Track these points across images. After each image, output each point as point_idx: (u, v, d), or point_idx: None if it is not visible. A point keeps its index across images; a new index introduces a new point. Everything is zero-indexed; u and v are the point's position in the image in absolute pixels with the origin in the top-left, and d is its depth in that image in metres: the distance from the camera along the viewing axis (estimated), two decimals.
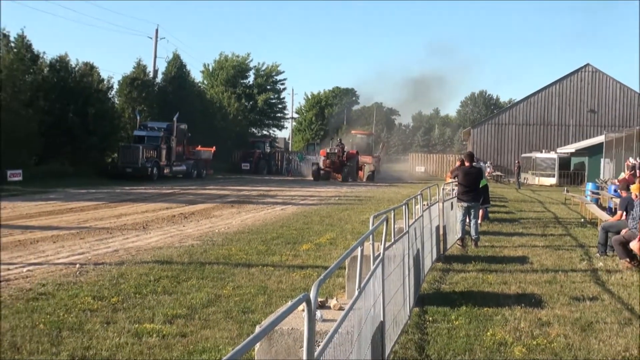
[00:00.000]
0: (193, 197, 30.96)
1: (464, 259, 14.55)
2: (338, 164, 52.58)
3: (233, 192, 35.22)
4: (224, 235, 17.54)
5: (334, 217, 22.88)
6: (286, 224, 20.33)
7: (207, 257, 13.68)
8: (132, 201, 27.94)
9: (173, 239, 16.74)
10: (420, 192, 11.99)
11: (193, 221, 21.13)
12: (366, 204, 29.57)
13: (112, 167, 44.51)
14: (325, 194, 36.39)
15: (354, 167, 53.24)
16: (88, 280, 11.17)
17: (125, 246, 15.22)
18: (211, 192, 35.34)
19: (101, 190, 33.39)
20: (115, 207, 25.02)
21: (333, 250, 15.12)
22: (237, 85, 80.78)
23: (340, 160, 52.76)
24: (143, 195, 31.08)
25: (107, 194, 31.12)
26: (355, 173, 53.35)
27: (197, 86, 68.74)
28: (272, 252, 14.59)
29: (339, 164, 52.58)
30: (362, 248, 5.71)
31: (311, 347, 3.46)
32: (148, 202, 27.60)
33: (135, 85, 53.82)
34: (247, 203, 28.78)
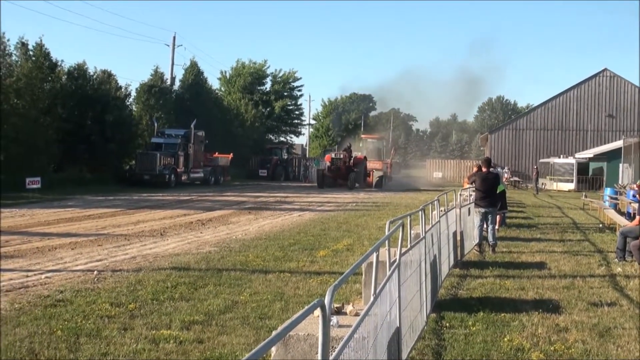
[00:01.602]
0: (210, 204, 31.03)
1: (481, 264, 14.50)
2: (344, 170, 50.32)
3: (250, 199, 35.28)
4: (241, 241, 17.57)
5: (351, 223, 22.86)
6: (303, 230, 20.33)
7: (224, 264, 13.71)
8: (149, 208, 28.05)
9: (190, 245, 16.79)
10: (437, 197, 11.97)
11: (210, 228, 21.17)
12: (383, 210, 29.53)
13: (130, 174, 44.68)
14: (343, 200, 36.38)
15: (361, 173, 51.02)
16: (106, 287, 11.23)
17: (142, 253, 15.28)
18: (228, 198, 35.41)
19: (119, 197, 33.55)
20: (133, 214, 25.13)
21: (350, 256, 15.11)
22: (254, 92, 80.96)
23: (346, 166, 50.52)
24: (160, 202, 31.20)
25: (124, 201, 31.26)
26: (362, 179, 51.17)
27: (214, 93, 68.99)
28: (289, 259, 14.60)
29: (345, 170, 50.33)
30: (378, 254, 5.71)
31: (326, 353, 3.46)
32: (165, 209, 27.70)
33: (152, 93, 54.11)
34: (264, 209, 28.81)
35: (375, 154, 58.99)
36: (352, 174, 49.78)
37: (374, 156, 57.93)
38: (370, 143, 62.24)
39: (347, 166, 50.53)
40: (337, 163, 50.40)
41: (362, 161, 52.07)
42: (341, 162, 50.30)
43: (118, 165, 47.19)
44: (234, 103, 72.25)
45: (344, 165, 50.31)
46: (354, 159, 51.71)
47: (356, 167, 50.85)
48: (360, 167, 51.05)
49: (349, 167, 50.55)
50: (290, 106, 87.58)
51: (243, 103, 73.03)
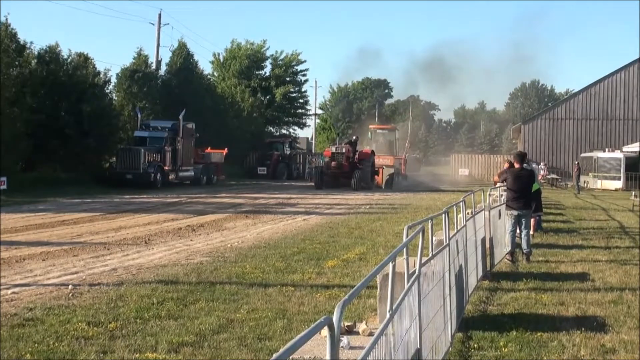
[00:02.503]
0: (202, 207, 31.08)
1: (514, 276, 14.47)
2: (347, 167, 48.22)
3: (248, 201, 35.31)
4: (238, 250, 17.58)
5: (364, 229, 22.86)
6: (309, 237, 20.34)
7: (217, 276, 13.72)
8: (132, 212, 28.10)
9: (179, 255, 16.81)
10: (462, 198, 11.94)
11: (202, 234, 21.20)
12: (401, 212, 29.52)
13: (110, 172, 44.74)
14: (354, 201, 36.38)
15: (367, 170, 48.71)
16: (82, 304, 11.24)
17: (124, 264, 15.30)
18: (223, 200, 35.46)
19: (97, 200, 33.61)
20: (114, 219, 25.17)
21: (363, 266, 15.10)
22: (252, 78, 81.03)
23: (350, 162, 48.55)
24: (145, 205, 31.25)
25: (104, 204, 31.32)
26: (369, 178, 48.90)
27: (206, 79, 69.05)
28: (293, 270, 14.60)
29: (349, 167, 48.27)
30: (395, 264, 5.69)
31: None
32: (151, 213, 27.74)
33: (135, 79, 54.19)
34: (264, 213, 28.83)
35: (386, 147, 58.06)
36: (357, 172, 47.86)
37: (385, 150, 56.99)
38: (380, 135, 61.06)
39: (351, 162, 48.74)
40: (338, 159, 48.55)
41: (369, 156, 50.23)
42: (344, 157, 48.50)
43: (96, 162, 47.27)
44: (229, 90, 72.32)
45: (347, 161, 48.45)
46: (359, 153, 50.05)
47: (362, 163, 49.06)
48: (366, 164, 49.16)
49: (353, 163, 48.79)
50: (293, 93, 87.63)
51: (239, 90, 73.09)
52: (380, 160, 52.67)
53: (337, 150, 49.06)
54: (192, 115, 50.77)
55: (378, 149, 55.87)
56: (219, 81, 77.09)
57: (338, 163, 48.38)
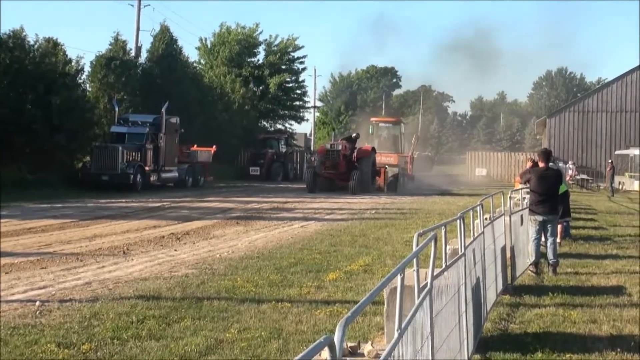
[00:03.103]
0: (187, 212, 31.07)
1: (538, 289, 14.47)
2: (343, 167, 47.52)
3: (239, 205, 35.32)
4: (227, 261, 17.58)
5: (369, 237, 22.87)
6: (307, 246, 20.34)
7: (205, 291, 13.72)
8: (109, 218, 28.09)
9: (162, 267, 16.81)
10: (480, 202, 11.94)
11: (187, 243, 21.20)
12: (411, 218, 29.54)
13: (83, 174, 44.70)
14: (358, 206, 36.38)
15: (367, 170, 47.90)
16: (51, 323, 11.23)
17: (99, 277, 15.30)
18: (211, 205, 35.47)
19: (69, 204, 33.59)
20: (87, 226, 25.16)
21: (368, 279, 15.11)
22: (243, 66, 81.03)
23: (347, 161, 47.76)
24: (123, 211, 31.24)
25: (76, 210, 31.30)
26: (370, 179, 48.12)
27: (191, 67, 69.05)
28: (289, 284, 14.60)
29: (345, 167, 47.53)
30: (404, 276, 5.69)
31: None
32: (130, 219, 27.74)
33: (112, 67, 54.15)
34: (256, 219, 28.84)
35: (390, 144, 57.33)
36: (355, 173, 46.85)
37: (388, 147, 56.24)
38: (383, 129, 60.22)
39: (349, 161, 48.03)
40: (333, 157, 47.84)
41: (370, 154, 49.25)
42: (339, 155, 47.73)
43: (68, 162, 47.22)
44: (217, 80, 72.36)
45: (343, 160, 47.73)
46: (358, 151, 49.19)
47: (361, 162, 48.30)
48: (366, 163, 48.42)
49: (350, 162, 48.09)
50: (289, 83, 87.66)
51: (229, 80, 73.12)
52: (383, 158, 51.81)
53: (332, 148, 48.61)
54: (176, 109, 50.72)
55: (381, 145, 55.40)
56: (206, 70, 77.10)
57: (333, 162, 47.77)
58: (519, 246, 15.80)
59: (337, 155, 47.77)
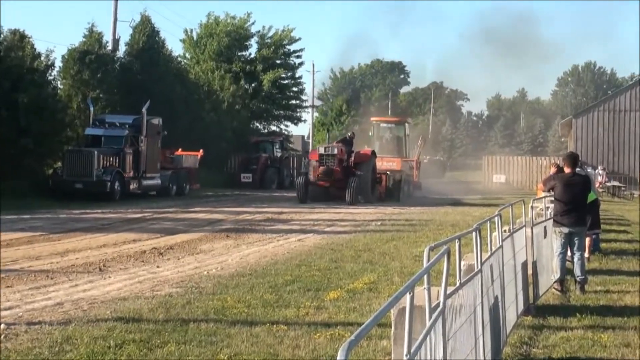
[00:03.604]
0: (171, 224, 31.07)
1: (564, 310, 14.46)
2: (340, 173, 46.20)
3: (229, 216, 35.29)
4: (216, 279, 17.56)
5: (374, 251, 22.85)
6: (306, 262, 20.32)
7: (191, 312, 13.70)
8: (83, 231, 28.04)
9: (143, 285, 16.79)
10: (498, 212, 11.94)
11: (171, 259, 21.18)
12: (421, 230, 29.51)
13: (54, 181, 44.59)
14: (362, 217, 36.36)
15: (367, 177, 46.87)
16: (18, 348, 11.22)
17: (73, 297, 15.27)
18: (197, 216, 35.46)
19: (38, 216, 33.54)
20: (59, 240, 25.13)
21: (373, 299, 15.10)
22: (234, 60, 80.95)
23: (343, 167, 46.64)
24: (99, 223, 31.22)
25: (47, 221, 31.26)
26: (369, 187, 47.05)
27: (175, 62, 69.06)
28: (286, 304, 14.59)
29: (342, 173, 46.30)
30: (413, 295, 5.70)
31: None
32: (107, 232, 27.70)
33: (86, 62, 54.07)
34: (249, 232, 28.83)
35: (393, 146, 56.83)
36: (353, 180, 45.67)
37: (391, 150, 55.76)
38: (386, 130, 59.60)
39: (345, 167, 47.06)
40: (328, 163, 46.48)
41: (369, 158, 48.05)
42: (335, 160, 46.48)
43: (37, 168, 47.17)
44: (205, 76, 72.34)
45: (339, 166, 46.53)
46: (356, 154, 48.16)
47: (359, 168, 47.17)
48: (365, 169, 47.27)
49: (347, 168, 47.09)
50: (285, 80, 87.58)
51: (217, 76, 73.09)
52: (384, 163, 51.12)
53: (327, 152, 47.13)
54: (158, 108, 50.63)
55: (382, 148, 54.91)
56: (192, 65, 77.07)
57: (328, 169, 46.36)
58: (542, 261, 15.79)
59: (332, 160, 46.58)
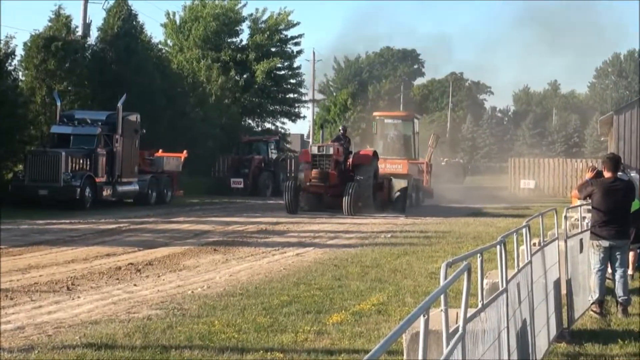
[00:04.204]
0: (151, 236, 31.07)
1: (604, 335, 14.45)
2: (335, 178, 44.58)
3: (217, 227, 35.29)
4: (202, 299, 17.56)
5: (384, 268, 22.85)
6: (305, 280, 20.32)
7: (173, 337, 13.71)
8: (48, 244, 28.02)
9: (117, 306, 16.78)
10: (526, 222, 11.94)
11: (151, 276, 21.18)
12: (438, 244, 29.47)
13: (15, 186, 44.55)
14: (370, 227, 36.35)
15: (368, 182, 45.35)
16: None
17: (36, 320, 15.27)
18: (181, 227, 35.48)
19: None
20: (20, 255, 25.10)
21: (382, 322, 15.11)
22: (222, 48, 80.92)
23: (340, 170, 45.29)
24: (67, 234, 31.18)
25: (6, 233, 31.22)
26: (370, 194, 45.52)
27: (156, 50, 68.99)
28: (282, 328, 14.60)
29: (338, 178, 44.71)
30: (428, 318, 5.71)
31: None
32: (76, 246, 27.69)
33: (52, 50, 54.08)
34: (239, 245, 28.82)
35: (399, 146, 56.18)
36: (351, 186, 43.97)
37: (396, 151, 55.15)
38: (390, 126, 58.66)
39: (342, 170, 45.83)
40: (322, 165, 45.01)
41: (370, 160, 46.56)
42: (330, 162, 44.92)
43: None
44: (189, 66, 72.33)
45: (335, 169, 45.10)
46: (355, 156, 46.93)
47: (359, 171, 45.75)
48: (366, 173, 45.76)
49: (344, 171, 45.92)
50: (281, 71, 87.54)
51: (204, 66, 73.09)
52: (388, 166, 50.54)
53: (321, 152, 45.46)
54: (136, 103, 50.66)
55: (387, 148, 54.56)
56: (174, 53, 77.09)
57: (322, 173, 44.68)
58: (578, 280, 15.79)
59: (327, 162, 45.05)
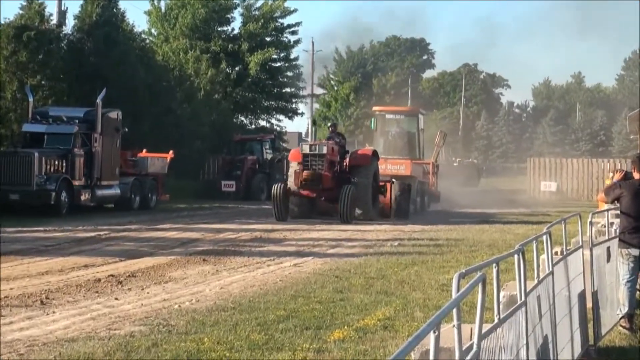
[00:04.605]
0: (134, 245, 31.02)
1: (633, 353, 14.46)
2: (330, 181, 43.17)
3: (206, 235, 35.27)
4: (190, 314, 17.54)
5: (390, 279, 22.83)
6: (303, 293, 20.30)
7: (158, 356, 13.71)
8: (20, 254, 27.98)
9: (97, 322, 16.76)
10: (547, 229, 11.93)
11: (133, 289, 21.15)
12: (450, 252, 29.43)
13: None
14: (374, 235, 36.32)
15: (366, 185, 44.03)
16: None
17: (6, 337, 15.25)
18: (166, 234, 35.46)
19: None
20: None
21: (389, 339, 15.10)
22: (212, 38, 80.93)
23: (335, 172, 43.99)
24: (41, 243, 31.15)
25: None
26: (369, 199, 44.28)
27: (139, 40, 68.98)
28: (278, 346, 14.60)
29: (333, 180, 43.43)
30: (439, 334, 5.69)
31: None
32: (51, 256, 27.66)
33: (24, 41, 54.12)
34: (231, 254, 28.79)
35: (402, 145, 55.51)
36: (348, 190, 42.42)
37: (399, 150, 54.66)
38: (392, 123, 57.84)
39: (338, 172, 44.58)
40: (315, 166, 43.44)
41: (370, 161, 45.24)
42: (324, 162, 43.41)
43: None
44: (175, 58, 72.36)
45: (329, 170, 43.67)
46: (352, 156, 45.76)
47: (356, 173, 44.50)
48: (365, 174, 44.45)
49: (340, 173, 44.66)
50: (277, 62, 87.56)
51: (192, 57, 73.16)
52: (390, 167, 50.37)
53: (312, 151, 43.79)
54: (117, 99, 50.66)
55: (388, 147, 54.10)
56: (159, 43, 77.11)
57: (314, 174, 43.16)
58: (604, 292, 15.78)
59: (319, 163, 43.54)
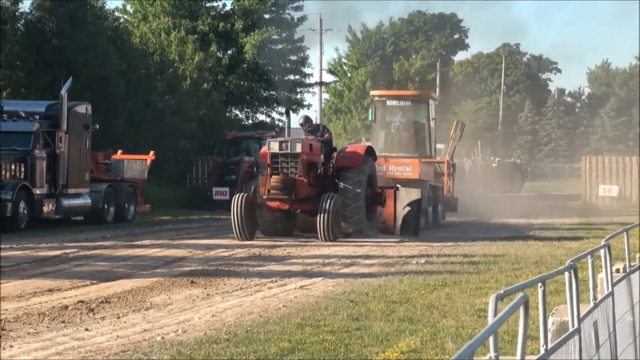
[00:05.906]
0: (108, 266, 31.06)
1: None
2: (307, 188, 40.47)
3: (195, 252, 35.29)
4: (176, 347, 17.56)
5: (416, 303, 22.83)
6: (312, 321, 20.31)
7: None
8: None
9: (63, 357, 16.82)
10: (605, 241, 11.96)
11: (108, 317, 21.18)
12: (487, 271, 29.35)
13: None
14: (397, 251, 36.32)
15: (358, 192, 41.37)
16: None
17: None
18: (147, 252, 35.46)
19: None
20: None
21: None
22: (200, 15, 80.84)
23: (316, 176, 41.54)
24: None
25: None
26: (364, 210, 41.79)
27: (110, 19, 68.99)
28: None
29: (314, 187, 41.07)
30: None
31: None
32: (7, 278, 27.70)
33: None
34: (224, 275, 28.80)
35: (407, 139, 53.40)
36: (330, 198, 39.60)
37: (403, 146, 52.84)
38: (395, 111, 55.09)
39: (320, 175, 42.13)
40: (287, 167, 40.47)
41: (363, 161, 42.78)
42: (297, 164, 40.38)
43: None
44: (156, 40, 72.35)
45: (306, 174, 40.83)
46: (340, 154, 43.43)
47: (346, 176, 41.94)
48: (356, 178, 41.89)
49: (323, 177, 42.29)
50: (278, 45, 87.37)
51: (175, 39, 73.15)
52: (392, 167, 49.12)
53: (283, 150, 40.58)
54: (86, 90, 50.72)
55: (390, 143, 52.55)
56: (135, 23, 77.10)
57: (285, 180, 40.23)
58: None
59: (292, 164, 40.57)
